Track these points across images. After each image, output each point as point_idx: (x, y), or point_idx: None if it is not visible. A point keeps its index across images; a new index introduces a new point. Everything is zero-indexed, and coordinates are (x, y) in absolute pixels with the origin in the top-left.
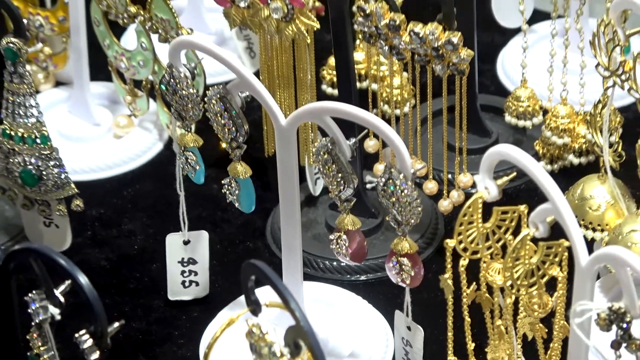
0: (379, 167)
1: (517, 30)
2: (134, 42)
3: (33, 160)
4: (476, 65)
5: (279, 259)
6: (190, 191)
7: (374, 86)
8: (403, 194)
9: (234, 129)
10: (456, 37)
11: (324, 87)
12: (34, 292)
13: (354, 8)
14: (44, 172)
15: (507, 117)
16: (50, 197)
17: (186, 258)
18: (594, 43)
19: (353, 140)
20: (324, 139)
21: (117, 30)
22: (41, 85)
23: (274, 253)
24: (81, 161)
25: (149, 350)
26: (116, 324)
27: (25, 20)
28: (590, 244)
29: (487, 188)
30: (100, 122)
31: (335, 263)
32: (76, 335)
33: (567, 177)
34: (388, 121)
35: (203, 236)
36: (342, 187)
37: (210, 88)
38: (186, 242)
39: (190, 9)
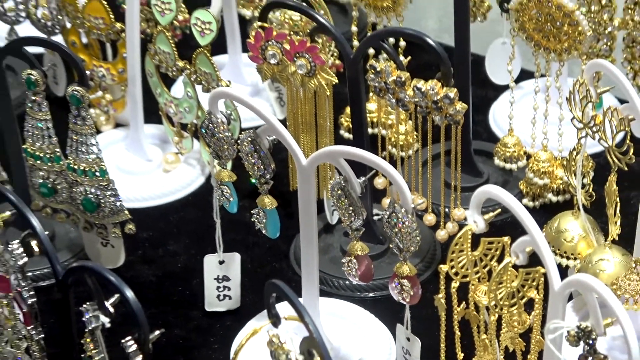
0: (386, 201)
1: (507, 87)
2: (181, 91)
3: (93, 190)
4: (471, 116)
5: (299, 277)
6: (225, 218)
7: (384, 132)
8: (404, 225)
9: (262, 167)
10: (452, 93)
11: (342, 132)
12: (87, 303)
13: (367, 66)
14: (102, 201)
15: (496, 161)
16: (107, 221)
17: (221, 275)
18: (570, 99)
19: (363, 179)
20: (338, 177)
21: (167, 81)
22: (103, 126)
23: (296, 272)
24: (135, 191)
25: (188, 354)
26: (157, 332)
27: (89, 72)
28: (565, 270)
29: (476, 222)
30: (152, 158)
31: (347, 282)
32: (122, 341)
33: (546, 212)
34: (395, 162)
35: (236, 257)
36: (352, 219)
37: (244, 131)
38: (221, 262)
39: (230, 63)
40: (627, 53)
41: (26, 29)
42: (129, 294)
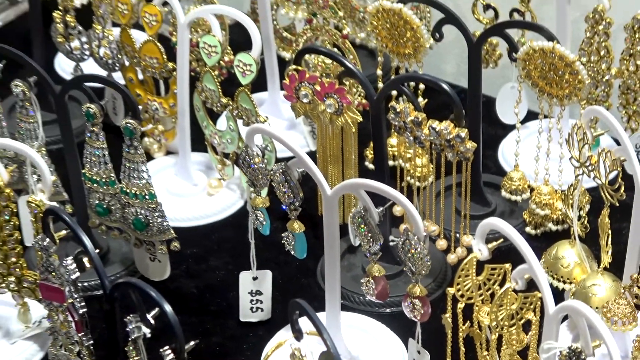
0: (403, 228)
1: (515, 126)
2: (224, 124)
3: (142, 212)
4: (481, 151)
5: (324, 293)
6: (260, 239)
7: (403, 164)
8: (416, 251)
9: (292, 196)
10: (463, 133)
11: (366, 163)
12: (131, 315)
13: (389, 106)
14: (150, 221)
15: (503, 192)
16: (155, 239)
17: (254, 290)
18: (569, 141)
19: (381, 208)
20: (359, 206)
21: (213, 115)
22: (155, 153)
23: (322, 288)
24: (181, 212)
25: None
26: (192, 343)
27: (144, 105)
28: (561, 293)
29: (480, 250)
30: (197, 183)
31: (367, 298)
32: (161, 350)
33: (547, 240)
34: (412, 191)
35: (267, 274)
36: (371, 244)
37: (278, 162)
38: (255, 278)
39: (270, 100)
40: (623, 99)
41: (90, 66)
42: (168, 308)
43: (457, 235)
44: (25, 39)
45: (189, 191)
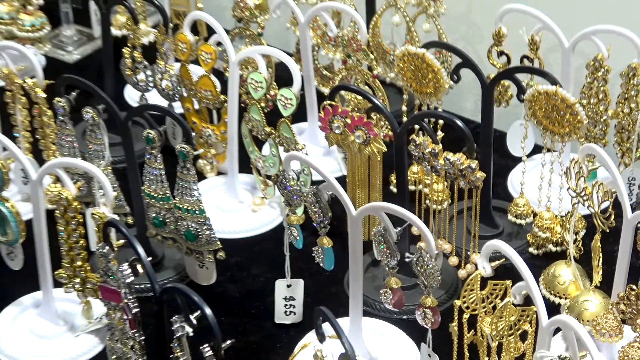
0: (420, 245)
1: (522, 158)
2: (267, 150)
3: (193, 225)
4: (491, 180)
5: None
6: (294, 251)
7: (423, 189)
8: (428, 267)
9: (322, 215)
10: (474, 164)
11: (391, 187)
12: (177, 316)
13: (410, 139)
14: (199, 233)
15: (509, 216)
16: (203, 249)
17: (288, 296)
18: (567, 174)
19: (399, 229)
20: (379, 226)
21: (258, 141)
22: (208, 174)
23: (348, 296)
24: (229, 225)
25: (260, 356)
26: (228, 342)
27: (200, 131)
28: (557, 307)
29: (484, 268)
30: (243, 200)
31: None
32: (201, 347)
33: (547, 259)
34: (429, 213)
35: (300, 283)
36: (389, 259)
37: (313, 184)
38: (289, 286)
39: (309, 129)
40: (618, 137)
41: (153, 96)
42: (207, 311)
43: (468, 253)
44: (99, 71)
45: (236, 207)
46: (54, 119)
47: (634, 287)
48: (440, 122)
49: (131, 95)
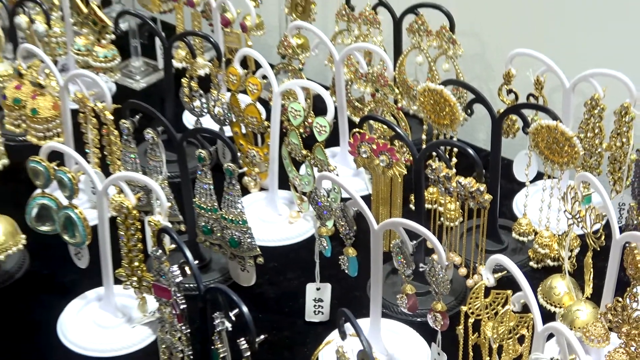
0: (434, 257)
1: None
2: (304, 170)
3: (237, 234)
4: (498, 201)
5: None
6: (323, 259)
7: (438, 208)
8: (439, 277)
9: (347, 229)
10: (483, 187)
11: (410, 205)
12: (217, 312)
13: (427, 164)
14: (242, 241)
15: (514, 234)
16: (245, 254)
17: (317, 298)
18: (564, 198)
19: (414, 242)
20: (398, 239)
21: (296, 163)
22: (252, 189)
23: (369, 300)
24: (268, 234)
25: (291, 349)
26: (262, 337)
27: (246, 152)
28: (553, 315)
29: (488, 279)
30: (282, 213)
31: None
32: (238, 341)
33: (545, 272)
34: (442, 229)
35: (328, 286)
36: (405, 269)
37: (342, 201)
38: (318, 289)
39: (341, 153)
40: (610, 167)
41: (207, 120)
42: (244, 309)
43: (475, 265)
44: (161, 98)
45: (275, 219)
46: (119, 138)
47: (620, 299)
48: (455, 150)
49: (188, 120)
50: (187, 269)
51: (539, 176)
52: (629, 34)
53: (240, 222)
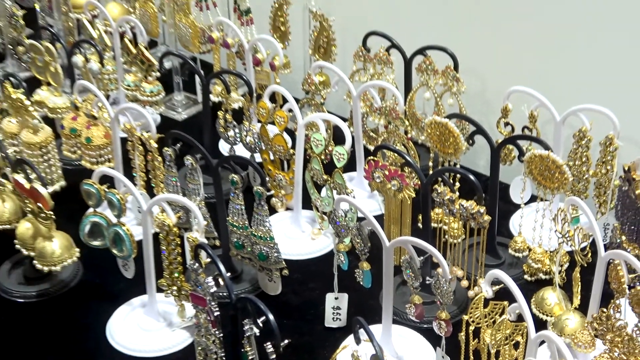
0: (439, 271)
1: (521, 205)
2: (324, 193)
3: (265, 249)
4: (496, 221)
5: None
6: (341, 272)
7: (443, 227)
8: (443, 289)
9: (362, 245)
10: (482, 209)
11: (418, 224)
12: (247, 319)
13: (433, 188)
14: (269, 255)
15: (510, 250)
16: (272, 267)
17: (335, 306)
18: (554, 219)
19: (422, 258)
20: (407, 255)
21: (317, 186)
22: (279, 209)
23: (381, 308)
24: (293, 249)
25: (312, 353)
26: (286, 341)
27: (274, 177)
28: (544, 323)
29: (487, 291)
30: (305, 230)
31: (410, 317)
32: (264, 344)
33: (538, 285)
34: (447, 247)
35: (345, 296)
36: (413, 281)
37: (359, 220)
38: (336, 298)
39: (357, 177)
40: (596, 192)
41: (240, 148)
42: (271, 317)
43: (476, 278)
44: (200, 128)
45: (299, 236)
46: (163, 164)
47: (605, 310)
48: (458, 175)
49: (223, 147)
50: (220, 280)
51: (533, 199)
52: (614, 73)
53: (268, 239)
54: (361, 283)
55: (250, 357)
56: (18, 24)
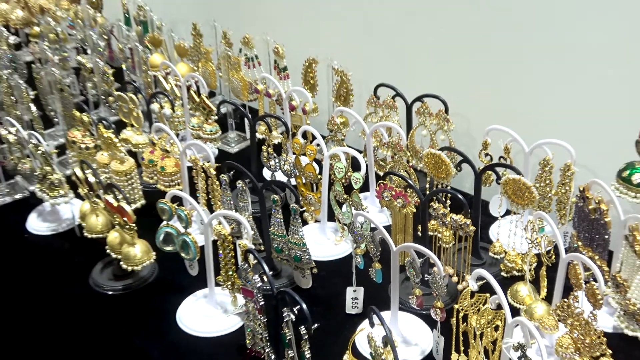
0: (435, 269)
1: (498, 218)
2: (345, 208)
3: (299, 252)
4: (479, 231)
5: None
6: (359, 270)
7: (437, 235)
8: (438, 283)
9: (375, 249)
10: (468, 222)
11: (418, 233)
12: (285, 307)
13: (429, 204)
14: (302, 257)
15: (490, 253)
16: (304, 267)
17: (354, 297)
18: (525, 229)
19: (421, 259)
20: (409, 258)
21: (339, 203)
22: (309, 222)
23: (390, 298)
24: (320, 253)
25: (335, 334)
26: (316, 325)
27: (305, 197)
28: (518, 311)
29: (473, 285)
30: (330, 238)
31: (412, 305)
32: (299, 328)
33: (513, 280)
34: (441, 250)
35: (361, 289)
36: (415, 278)
37: (372, 229)
38: (354, 291)
39: (370, 197)
40: (557, 207)
41: (280, 175)
42: (304, 306)
43: (464, 275)
44: (248, 159)
45: (325, 242)
46: (220, 187)
47: (566, 300)
48: (449, 195)
49: (266, 174)
50: (264, 277)
51: (508, 213)
52: (570, 114)
53: (301, 244)
54: (374, 279)
55: (288, 338)
56: (109, 80)
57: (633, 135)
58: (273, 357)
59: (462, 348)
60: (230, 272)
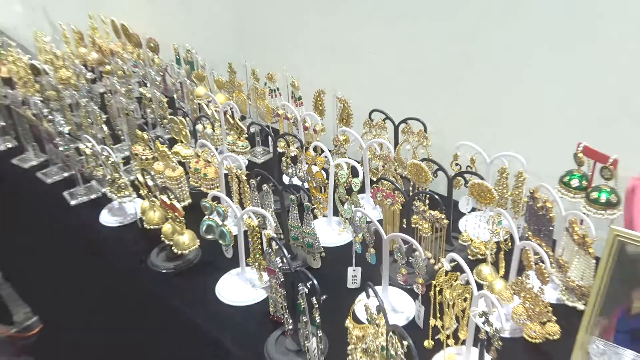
0: (417, 254)
1: (466, 213)
2: (347, 206)
3: (310, 240)
4: (451, 223)
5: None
6: (357, 255)
7: (418, 226)
8: (420, 264)
9: (370, 238)
10: (443, 216)
11: (404, 225)
12: (300, 283)
13: (413, 203)
14: (313, 244)
15: (460, 241)
16: (315, 251)
17: (354, 275)
18: (487, 222)
19: (406, 245)
20: (397, 244)
21: (342, 202)
22: (319, 216)
23: (381, 276)
24: (327, 240)
25: (338, 307)
26: (324, 296)
27: (315, 197)
28: (482, 286)
29: (446, 266)
30: (334, 229)
31: (399, 282)
32: (311, 299)
33: (477, 262)
34: (422, 238)
35: (359, 269)
36: (401, 260)
37: (366, 223)
38: (354, 270)
39: (366, 197)
40: (512, 205)
41: (295, 179)
42: (314, 281)
43: (439, 258)
44: (271, 167)
45: (331, 232)
46: (249, 189)
47: (520, 277)
48: (427, 196)
49: (285, 179)
50: (284, 259)
51: (474, 210)
52: (522, 130)
53: (312, 234)
54: (369, 261)
55: (302, 307)
56: (163, 106)
57: (571, 148)
58: (291, 321)
59: (438, 315)
60: (258, 255)
